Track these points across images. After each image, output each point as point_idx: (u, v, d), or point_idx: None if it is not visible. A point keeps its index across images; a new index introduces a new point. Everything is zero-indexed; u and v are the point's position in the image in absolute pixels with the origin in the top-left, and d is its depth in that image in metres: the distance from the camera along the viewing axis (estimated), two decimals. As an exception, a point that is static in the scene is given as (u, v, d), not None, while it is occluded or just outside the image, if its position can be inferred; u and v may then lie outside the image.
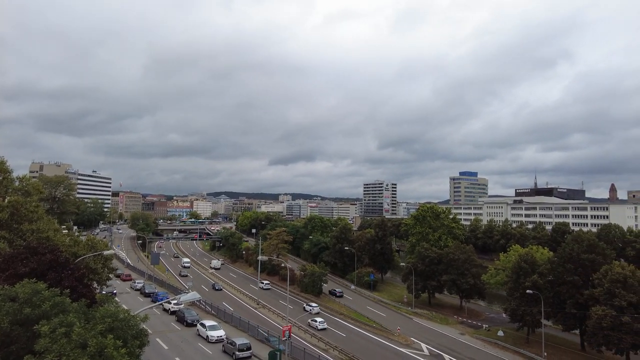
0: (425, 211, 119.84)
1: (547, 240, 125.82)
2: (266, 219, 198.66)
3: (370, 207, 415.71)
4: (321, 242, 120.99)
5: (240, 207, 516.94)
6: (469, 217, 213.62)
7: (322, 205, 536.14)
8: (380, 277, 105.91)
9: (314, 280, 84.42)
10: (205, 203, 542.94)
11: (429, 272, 79.31)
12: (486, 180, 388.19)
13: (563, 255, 58.11)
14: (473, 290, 75.88)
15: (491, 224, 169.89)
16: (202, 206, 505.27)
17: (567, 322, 56.25)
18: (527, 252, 69.68)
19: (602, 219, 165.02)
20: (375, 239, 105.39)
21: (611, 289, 47.91)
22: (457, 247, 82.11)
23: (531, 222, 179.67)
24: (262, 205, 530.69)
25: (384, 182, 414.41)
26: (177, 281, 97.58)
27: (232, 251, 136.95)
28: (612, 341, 46.48)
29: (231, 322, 57.49)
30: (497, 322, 69.42)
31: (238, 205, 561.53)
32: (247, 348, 43.04)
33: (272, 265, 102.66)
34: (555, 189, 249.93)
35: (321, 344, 53.16)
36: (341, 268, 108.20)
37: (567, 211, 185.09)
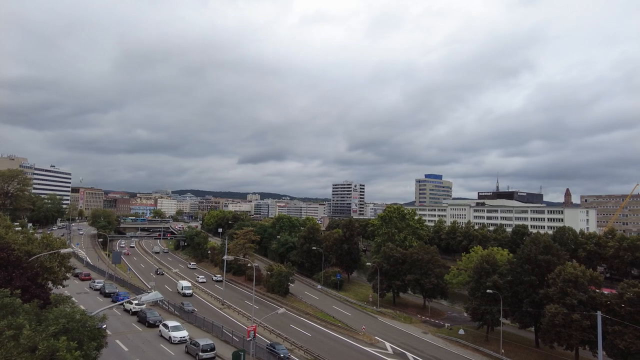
0: (392, 212, 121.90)
1: (507, 241, 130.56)
2: (233, 218, 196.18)
3: (338, 207, 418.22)
4: (289, 242, 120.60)
5: (207, 206, 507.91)
6: (434, 219, 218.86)
7: (291, 205, 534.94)
8: (347, 276, 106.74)
9: (281, 280, 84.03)
10: (170, 201, 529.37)
11: (393, 272, 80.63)
12: (450, 183, 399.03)
13: (521, 256, 60.52)
14: (436, 290, 77.71)
15: (454, 225, 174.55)
16: (167, 204, 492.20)
17: (524, 320, 58.65)
18: (489, 253, 72.19)
19: (557, 222, 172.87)
20: (342, 239, 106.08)
21: (564, 288, 50.30)
22: (421, 247, 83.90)
23: (492, 224, 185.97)
24: (229, 205, 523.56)
25: (352, 183, 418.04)
26: (139, 281, 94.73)
27: (197, 251, 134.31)
28: (563, 337, 48.84)
29: (195, 323, 56.39)
30: (458, 321, 71.48)
31: (204, 204, 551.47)
32: (211, 349, 42.34)
33: (239, 265, 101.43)
34: (516, 193, 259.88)
35: (287, 344, 52.94)
36: (308, 268, 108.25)
37: (526, 214, 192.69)
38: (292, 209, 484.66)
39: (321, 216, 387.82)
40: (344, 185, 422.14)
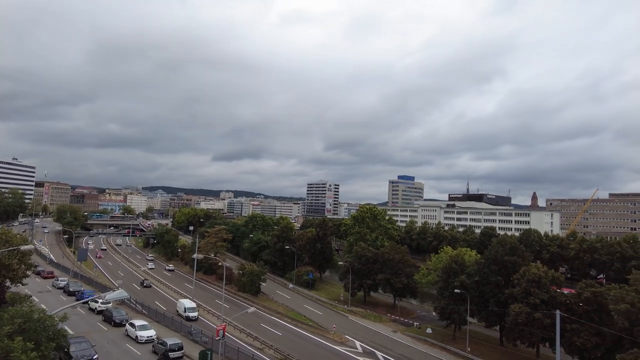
0: (365, 212, 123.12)
1: (475, 242, 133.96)
2: (205, 216, 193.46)
3: (313, 206, 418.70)
4: (262, 240, 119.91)
5: (178, 203, 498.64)
6: (405, 219, 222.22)
7: (265, 204, 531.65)
8: (320, 276, 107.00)
9: (252, 280, 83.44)
10: (141, 197, 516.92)
11: (365, 271, 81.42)
12: (422, 184, 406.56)
13: (489, 257, 62.24)
14: (406, 289, 78.93)
15: (425, 226, 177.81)
16: (137, 201, 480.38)
17: (490, 319, 60.35)
18: (457, 253, 73.91)
19: (524, 224, 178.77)
20: (316, 238, 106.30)
21: (528, 288, 52.09)
22: (392, 247, 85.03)
23: (462, 225, 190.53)
24: (201, 202, 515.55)
25: (327, 183, 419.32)
26: (106, 279, 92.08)
27: (167, 249, 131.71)
28: (526, 335, 50.63)
29: (163, 322, 55.26)
30: (427, 320, 72.86)
31: (176, 201, 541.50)
32: (179, 348, 41.59)
33: (209, 264, 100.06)
34: (485, 195, 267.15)
35: (257, 343, 52.67)
36: (281, 267, 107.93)
37: (494, 216, 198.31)
38: (266, 208, 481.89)
39: (295, 215, 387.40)
40: (319, 184, 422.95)
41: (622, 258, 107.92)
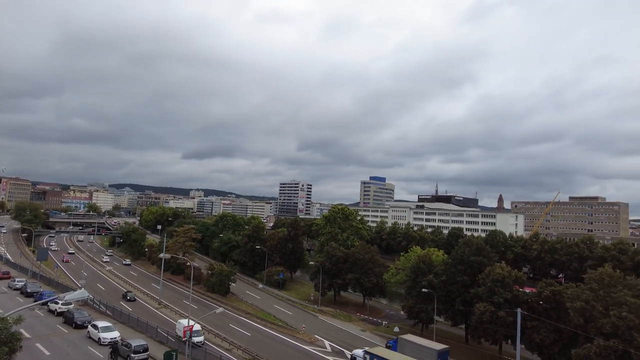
0: (336, 212, 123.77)
1: (443, 243, 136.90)
2: (174, 215, 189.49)
3: (285, 206, 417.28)
4: (232, 240, 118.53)
5: (146, 201, 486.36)
6: (376, 219, 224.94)
7: (236, 203, 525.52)
8: (290, 275, 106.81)
9: (222, 280, 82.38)
10: (107, 195, 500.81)
11: (335, 271, 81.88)
12: (393, 185, 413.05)
13: (455, 257, 63.88)
14: (375, 289, 79.89)
15: (395, 226, 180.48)
16: (103, 198, 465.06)
17: (456, 318, 61.93)
18: (425, 253, 75.40)
19: (490, 225, 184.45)
20: (287, 238, 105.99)
21: (492, 287, 53.78)
22: (362, 247, 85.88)
23: (431, 226, 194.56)
24: (170, 201, 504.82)
25: (300, 183, 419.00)
26: (69, 279, 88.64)
27: (134, 248, 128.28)
28: (490, 333, 52.28)
29: (128, 323, 53.76)
30: (395, 319, 73.98)
31: (144, 199, 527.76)
32: (144, 349, 40.58)
33: (178, 264, 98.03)
34: (453, 197, 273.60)
35: (225, 344, 52.05)
36: (251, 267, 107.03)
37: (462, 217, 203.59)
38: (238, 207, 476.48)
39: (267, 215, 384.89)
40: (292, 184, 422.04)
41: (579, 258, 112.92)
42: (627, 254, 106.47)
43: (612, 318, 40.45)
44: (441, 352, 45.69)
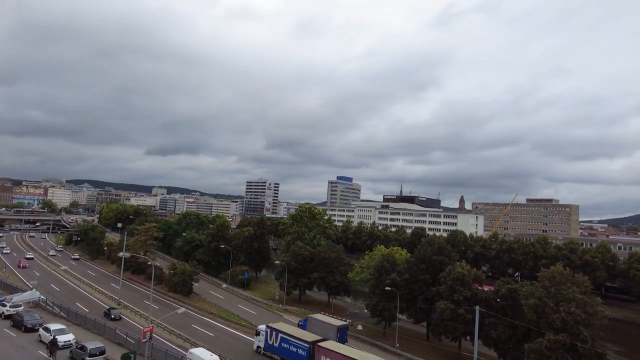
0: (303, 211, 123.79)
1: (406, 242, 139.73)
2: (135, 213, 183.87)
3: (251, 205, 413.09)
4: (195, 239, 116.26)
5: (106, 199, 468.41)
6: (342, 219, 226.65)
7: (201, 201, 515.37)
8: (256, 275, 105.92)
9: (184, 280, 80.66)
10: (64, 191, 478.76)
11: (301, 270, 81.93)
12: (360, 185, 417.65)
13: (418, 256, 65.40)
14: (340, 288, 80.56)
15: (361, 225, 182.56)
16: (60, 195, 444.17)
17: (418, 316, 63.36)
18: (389, 252, 76.80)
19: (451, 225, 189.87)
20: (253, 237, 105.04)
21: (453, 286, 55.46)
22: (328, 246, 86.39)
23: (395, 226, 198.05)
24: (132, 198, 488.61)
25: (267, 181, 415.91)
26: (18, 280, 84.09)
27: (92, 247, 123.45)
28: (450, 330, 53.91)
29: (84, 325, 51.65)
30: (359, 317, 74.88)
31: (104, 196, 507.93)
32: (101, 352, 39.10)
33: (138, 264, 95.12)
34: (417, 198, 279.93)
35: (187, 344, 50.99)
36: (215, 267, 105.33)
37: (425, 217, 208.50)
38: (202, 206, 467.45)
39: (233, 214, 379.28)
40: (259, 183, 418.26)
41: (534, 257, 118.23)
42: (576, 253, 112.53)
43: (562, 313, 42.69)
44: (340, 328, 54.68)
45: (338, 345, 46.27)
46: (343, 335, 54.54)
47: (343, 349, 44.13)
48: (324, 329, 53.84)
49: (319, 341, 46.06)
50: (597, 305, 44.60)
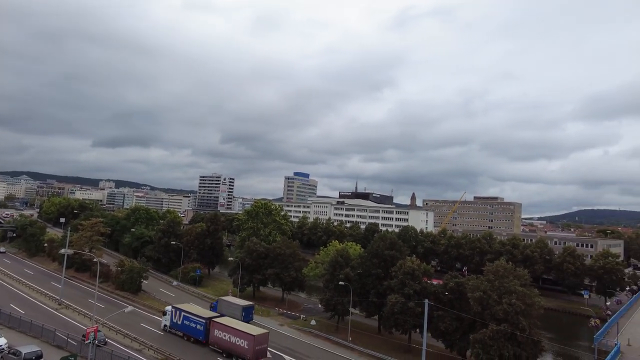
0: (259, 207, 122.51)
1: (360, 237, 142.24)
2: (80, 207, 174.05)
3: (205, 200, 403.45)
4: (145, 235, 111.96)
5: (48, 192, 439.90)
6: (299, 215, 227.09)
7: (151, 196, 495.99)
8: (208, 272, 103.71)
9: (132, 277, 77.52)
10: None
11: (255, 266, 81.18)
12: (316, 181, 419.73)
13: (371, 251, 66.74)
14: (295, 283, 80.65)
15: (316, 221, 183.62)
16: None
17: (370, 310, 64.75)
18: (343, 248, 77.92)
19: (403, 221, 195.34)
20: (206, 233, 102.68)
21: (403, 280, 57.10)
22: (284, 242, 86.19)
23: (350, 221, 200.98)
24: (76, 191, 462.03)
25: (221, 176, 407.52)
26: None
27: (31, 243, 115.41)
28: (400, 323, 55.53)
29: (19, 328, 48.38)
30: (313, 312, 75.39)
31: (45, 189, 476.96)
32: (37, 357, 36.77)
33: (83, 261, 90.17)
34: (371, 194, 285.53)
35: (135, 344, 49.16)
36: (166, 264, 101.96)
37: (378, 213, 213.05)
38: (152, 200, 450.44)
39: (185, 209, 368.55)
40: (213, 177, 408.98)
41: (480, 252, 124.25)
42: (518, 248, 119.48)
43: (504, 305, 45.20)
44: (245, 307, 63.06)
45: (229, 319, 53.91)
46: (248, 313, 62.94)
47: (231, 322, 51.70)
48: (232, 309, 62.37)
49: (214, 317, 53.78)
50: (535, 296, 47.65)
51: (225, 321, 52.07)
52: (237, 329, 49.10)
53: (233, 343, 48.48)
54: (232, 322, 51.78)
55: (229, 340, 48.97)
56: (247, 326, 51.36)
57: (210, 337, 51.63)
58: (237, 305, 62.97)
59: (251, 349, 46.68)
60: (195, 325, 53.52)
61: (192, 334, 53.65)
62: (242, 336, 47.96)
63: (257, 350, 47.14)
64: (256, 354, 47.03)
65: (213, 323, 51.87)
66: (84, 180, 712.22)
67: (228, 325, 50.22)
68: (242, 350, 47.35)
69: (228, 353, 48.86)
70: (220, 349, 50.00)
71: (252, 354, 46.60)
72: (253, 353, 46.65)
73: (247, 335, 47.56)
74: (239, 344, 47.82)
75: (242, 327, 49.80)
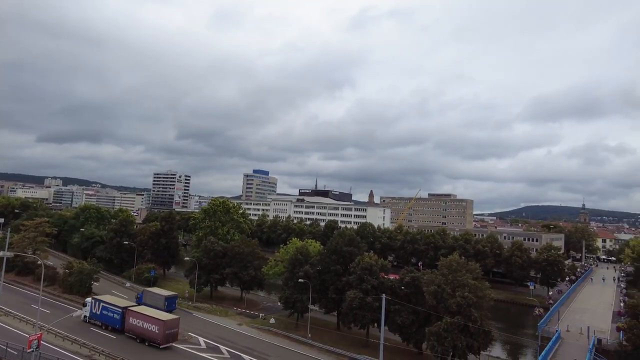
0: (217, 205, 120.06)
1: (320, 234, 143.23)
2: (22, 207, 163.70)
3: (159, 198, 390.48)
4: (95, 235, 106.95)
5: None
6: (258, 213, 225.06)
7: (102, 194, 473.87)
8: (164, 272, 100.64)
9: (82, 279, 73.79)
10: None
11: (213, 266, 79.64)
12: (276, 179, 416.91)
13: (330, 247, 67.30)
14: (253, 282, 79.85)
15: (276, 219, 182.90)
16: None
17: (329, 306, 65.29)
18: (303, 245, 77.98)
19: (361, 218, 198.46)
20: (160, 232, 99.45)
21: (361, 275, 58.05)
22: (243, 240, 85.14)
23: (309, 219, 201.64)
24: (18, 189, 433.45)
25: (177, 173, 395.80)
26: None
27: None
28: (358, 318, 56.42)
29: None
30: (272, 311, 75.08)
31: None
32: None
33: (25, 263, 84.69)
34: (331, 192, 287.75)
35: (84, 350, 46.84)
36: (118, 265, 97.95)
37: (337, 210, 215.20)
38: (104, 199, 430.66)
39: (138, 208, 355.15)
40: (168, 175, 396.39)
41: (435, 247, 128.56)
42: (470, 243, 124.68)
43: (457, 298, 47.09)
44: (168, 297, 67.33)
45: (144, 308, 57.48)
46: (171, 303, 67.22)
47: (145, 310, 55.48)
48: (155, 299, 66.69)
49: (130, 306, 57.23)
50: (486, 289, 50.02)
51: (140, 309, 55.83)
52: (149, 315, 53.10)
53: (145, 329, 52.49)
54: (145, 310, 55.54)
55: (142, 327, 52.91)
56: (159, 313, 55.09)
57: (126, 325, 55.25)
58: (160, 296, 67.42)
59: (161, 333, 50.80)
60: (113, 315, 56.84)
61: (110, 323, 56.92)
62: (153, 322, 52.02)
63: (167, 334, 51.30)
64: (166, 337, 51.17)
65: (129, 312, 55.48)
66: (27, 177, 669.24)
67: (141, 313, 54.10)
68: (154, 335, 51.44)
69: (141, 338, 52.70)
70: (134, 335, 53.72)
71: (162, 338, 50.76)
72: (163, 337, 50.83)
73: (158, 321, 51.59)
74: (151, 329, 51.90)
75: (154, 314, 53.68)
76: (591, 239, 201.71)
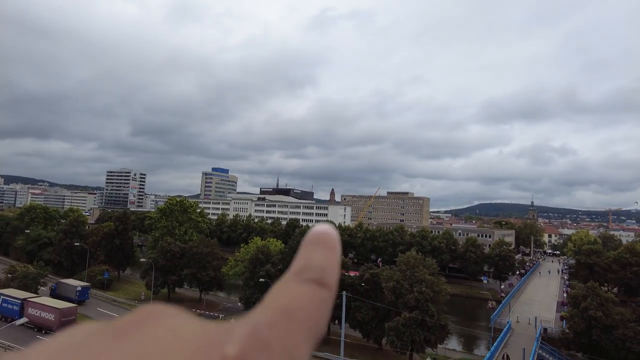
0: (174, 204, 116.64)
1: (281, 233, 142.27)
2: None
3: (113, 197, 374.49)
4: (42, 237, 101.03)
5: None
6: (218, 212, 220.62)
7: (50, 193, 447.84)
8: (118, 275, 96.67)
9: (27, 284, 69.43)
10: None
11: (170, 267, 77.47)
12: (236, 177, 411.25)
13: (292, 246, 67.44)
14: (213, 283, 78.39)
15: (236, 218, 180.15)
16: None
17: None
18: (264, 244, 77.47)
19: (323, 216, 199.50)
20: (114, 233, 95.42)
21: (322, 273, 58.41)
22: (201, 241, 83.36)
23: (271, 218, 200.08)
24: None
25: (131, 172, 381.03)
26: None
27: None
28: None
29: None
30: (232, 311, 73.99)
31: None
32: None
33: (-37, 268, 78.80)
34: (292, 190, 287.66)
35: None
36: (68, 267, 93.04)
37: (299, 209, 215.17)
38: (52, 198, 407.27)
39: (90, 207, 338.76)
40: (122, 173, 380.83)
41: (393, 244, 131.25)
42: (427, 239, 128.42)
43: (415, 293, 48.45)
44: (79, 288, 70.30)
45: (44, 298, 59.88)
46: (83, 293, 70.53)
47: (43, 300, 57.92)
48: (68, 290, 69.92)
49: (29, 297, 58.89)
50: (442, 284, 51.83)
51: (38, 300, 57.84)
52: (47, 304, 55.52)
53: (43, 317, 54.63)
54: (45, 301, 57.74)
55: (40, 316, 54.91)
56: (56, 302, 57.73)
57: (25, 315, 56.24)
58: (72, 287, 70.56)
59: (57, 321, 53.01)
60: (12, 307, 58.02)
61: (9, 314, 57.70)
62: (50, 311, 54.51)
63: (64, 321, 53.01)
64: (62, 325, 51.74)
65: (28, 302, 57.06)
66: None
67: (40, 303, 56.24)
68: (50, 323, 53.58)
69: (39, 327, 54.48)
70: (32, 324, 55.10)
71: (58, 325, 52.30)
72: (59, 324, 52.45)
73: (54, 309, 54.33)
74: (48, 317, 54.25)
75: (51, 303, 56.37)
76: (539, 235, 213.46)
